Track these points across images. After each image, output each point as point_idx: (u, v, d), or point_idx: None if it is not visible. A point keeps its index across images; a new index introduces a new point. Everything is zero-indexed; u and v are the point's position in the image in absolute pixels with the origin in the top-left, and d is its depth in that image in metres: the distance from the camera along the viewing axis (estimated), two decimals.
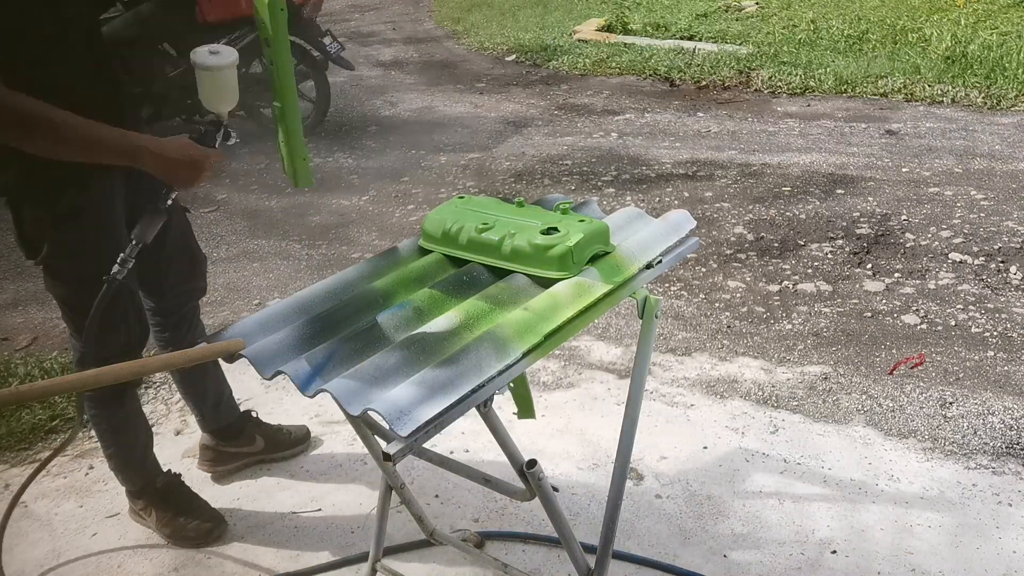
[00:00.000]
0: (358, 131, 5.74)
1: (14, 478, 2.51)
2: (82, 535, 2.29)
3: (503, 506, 2.28)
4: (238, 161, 5.31)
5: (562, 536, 1.60)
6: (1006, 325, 3.01)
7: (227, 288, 3.67)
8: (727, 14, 8.39)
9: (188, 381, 2.37)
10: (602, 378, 2.85)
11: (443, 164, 4.99)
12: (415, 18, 9.67)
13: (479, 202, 1.73)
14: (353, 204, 4.52)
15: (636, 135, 5.27)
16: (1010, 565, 2.01)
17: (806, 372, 2.83)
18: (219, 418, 2.43)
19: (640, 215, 1.79)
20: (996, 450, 2.40)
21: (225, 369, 2.36)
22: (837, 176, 4.41)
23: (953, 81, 5.74)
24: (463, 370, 1.29)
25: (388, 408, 1.20)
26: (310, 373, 1.32)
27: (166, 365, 1.36)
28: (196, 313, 2.29)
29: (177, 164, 1.72)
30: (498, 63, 7.37)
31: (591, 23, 8.19)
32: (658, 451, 2.47)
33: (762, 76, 6.21)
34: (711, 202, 4.20)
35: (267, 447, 2.51)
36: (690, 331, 3.12)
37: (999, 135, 4.86)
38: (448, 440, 2.53)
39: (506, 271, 1.57)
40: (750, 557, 2.08)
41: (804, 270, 3.50)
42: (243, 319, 1.51)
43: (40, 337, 3.36)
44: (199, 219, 4.40)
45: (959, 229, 3.73)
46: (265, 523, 2.29)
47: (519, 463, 1.47)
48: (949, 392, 2.67)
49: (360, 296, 1.53)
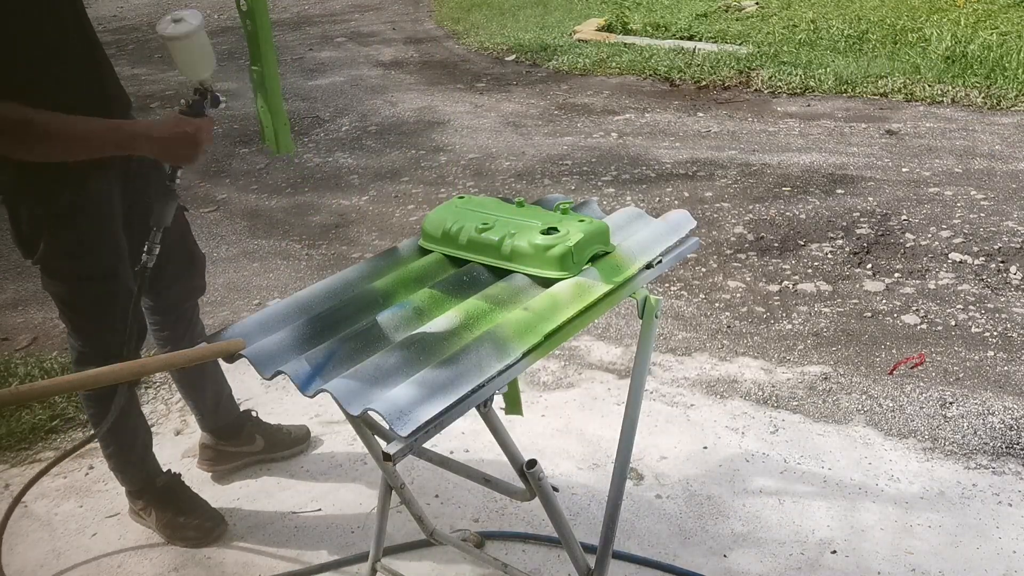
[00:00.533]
0: (358, 131, 5.74)
1: (14, 478, 2.51)
2: (82, 535, 2.29)
3: (503, 506, 2.28)
4: (238, 161, 5.31)
5: (562, 536, 1.60)
6: (1006, 325, 3.01)
7: (227, 288, 3.67)
8: (727, 14, 8.38)
9: (187, 380, 2.37)
10: (602, 378, 2.85)
11: (443, 164, 4.99)
12: (415, 18, 9.66)
13: (479, 202, 1.73)
14: (353, 204, 4.52)
15: (636, 135, 5.27)
16: (1010, 565, 2.01)
17: (806, 372, 2.83)
18: (219, 417, 2.43)
19: (640, 215, 1.79)
20: (996, 450, 2.40)
21: (225, 369, 2.36)
22: (837, 176, 4.41)
23: (953, 81, 5.73)
24: (463, 370, 1.29)
25: (388, 408, 1.20)
26: (310, 373, 1.32)
27: (166, 365, 1.36)
28: (195, 312, 2.29)
29: (174, 142, 1.70)
30: (498, 63, 7.36)
31: (591, 23, 8.19)
32: (658, 451, 2.47)
33: (762, 76, 6.21)
34: (711, 202, 4.19)
35: (267, 447, 2.51)
36: (690, 331, 3.12)
37: (999, 135, 4.85)
38: (448, 440, 2.53)
39: (506, 271, 1.57)
40: (750, 557, 2.08)
41: (804, 270, 3.50)
42: (243, 319, 1.51)
43: (40, 337, 3.36)
44: (199, 219, 4.40)
45: (959, 229, 3.73)
46: (265, 523, 2.29)
47: (519, 463, 1.47)
48: (949, 392, 2.67)
49: (360, 296, 1.53)
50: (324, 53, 8.08)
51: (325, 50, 8.21)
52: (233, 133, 5.85)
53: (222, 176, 5.09)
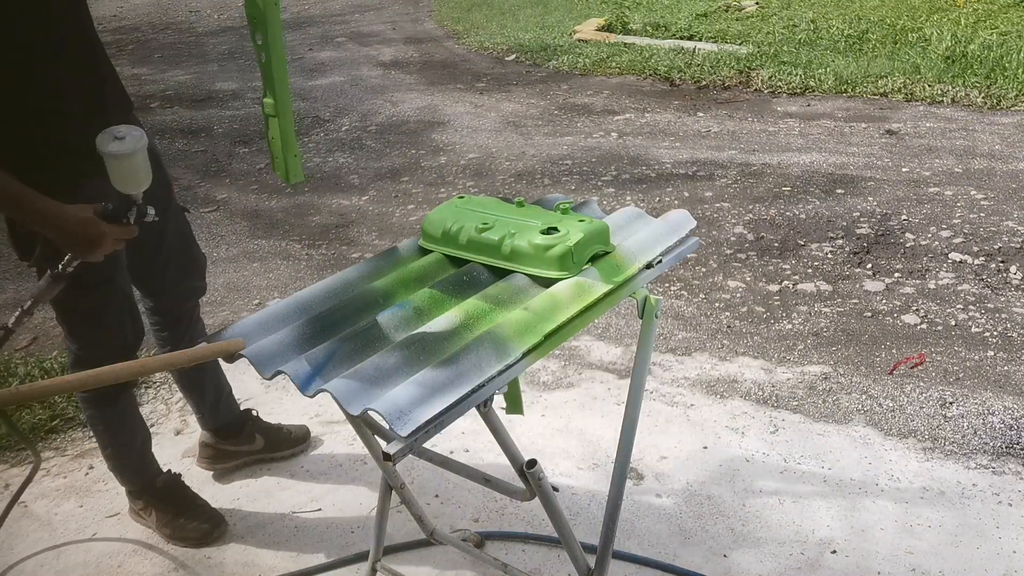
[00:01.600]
0: (358, 131, 5.74)
1: (14, 478, 2.52)
2: (82, 535, 2.29)
3: (503, 506, 2.28)
4: (238, 161, 5.31)
5: (562, 536, 1.60)
6: (1006, 325, 3.01)
7: (227, 288, 3.67)
8: (727, 14, 8.39)
9: (187, 379, 2.37)
10: (602, 378, 2.85)
11: (443, 164, 4.99)
12: (415, 18, 9.67)
13: (479, 202, 1.73)
14: (353, 204, 4.52)
15: (636, 135, 5.27)
16: (1010, 565, 2.01)
17: (806, 372, 2.83)
18: (218, 416, 2.43)
19: (640, 215, 1.79)
20: (996, 450, 2.39)
21: (225, 369, 2.36)
22: (837, 176, 4.41)
23: (953, 81, 5.73)
24: (463, 370, 1.29)
25: (388, 408, 1.20)
26: (310, 373, 1.32)
27: (166, 365, 1.36)
28: (196, 312, 2.29)
29: (75, 237, 1.64)
30: (498, 63, 7.37)
31: (591, 23, 8.19)
32: (658, 451, 2.47)
33: (762, 76, 6.21)
34: (711, 202, 4.19)
35: (267, 446, 2.51)
36: (690, 331, 3.12)
37: (999, 135, 4.85)
38: (448, 440, 2.53)
39: (506, 271, 1.57)
40: (750, 557, 2.08)
41: (804, 270, 3.50)
42: (243, 319, 1.51)
43: (40, 337, 3.36)
44: (199, 219, 4.40)
45: (959, 229, 3.73)
46: (265, 523, 2.29)
47: (519, 463, 1.47)
48: (949, 392, 2.67)
49: (360, 296, 1.53)
50: (324, 53, 8.09)
51: (325, 50, 8.22)
52: (233, 133, 5.85)
53: (222, 176, 5.09)
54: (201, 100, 6.73)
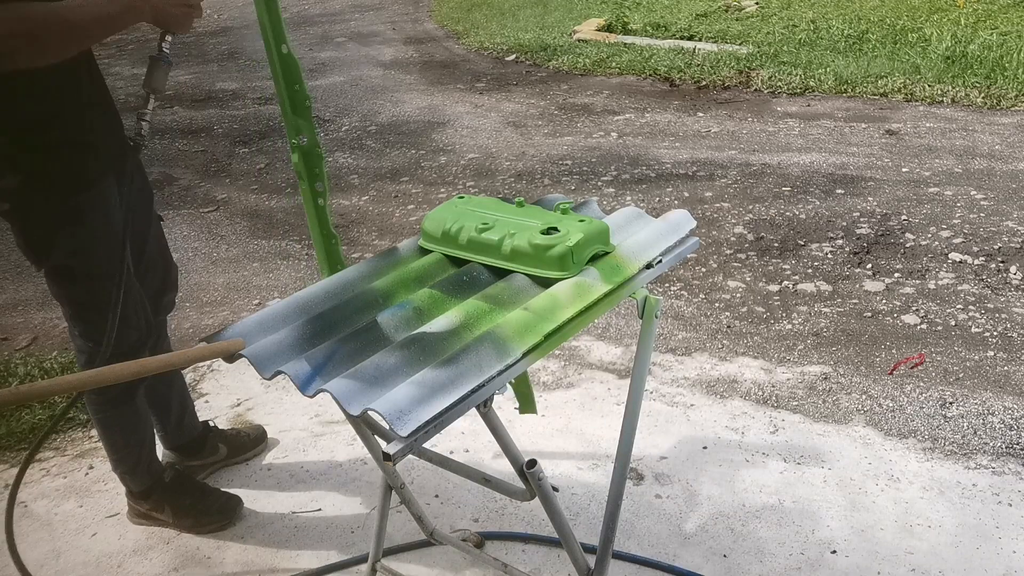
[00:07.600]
0: (358, 131, 5.74)
1: (14, 478, 2.51)
2: (82, 535, 2.29)
3: (503, 506, 2.28)
4: (238, 161, 5.31)
5: (562, 536, 1.60)
6: (1006, 325, 3.01)
7: (227, 288, 3.67)
8: (727, 14, 8.39)
9: (156, 395, 2.31)
10: (602, 378, 2.85)
11: (443, 164, 4.99)
12: (415, 18, 9.67)
13: (479, 202, 1.73)
14: (353, 204, 4.52)
15: (636, 135, 5.27)
16: (1010, 565, 2.01)
17: (806, 372, 2.83)
18: (182, 434, 2.41)
19: (640, 215, 1.79)
20: (996, 450, 2.40)
21: (225, 369, 2.36)
22: (837, 176, 4.41)
23: (953, 81, 5.73)
24: (463, 370, 1.29)
25: (388, 408, 1.20)
26: (310, 373, 1.32)
27: (166, 365, 1.36)
28: (164, 329, 2.28)
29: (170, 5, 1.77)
30: (498, 63, 7.37)
31: (591, 23, 8.19)
32: (658, 451, 2.47)
33: (762, 76, 6.21)
34: (711, 202, 4.19)
35: (230, 452, 2.50)
36: (690, 331, 3.12)
37: (999, 135, 4.85)
38: (448, 440, 2.53)
39: (506, 271, 1.57)
40: (750, 557, 2.08)
41: (804, 270, 3.50)
42: (243, 319, 1.51)
43: (40, 337, 3.36)
44: (199, 219, 4.40)
45: (959, 229, 3.73)
46: (265, 523, 2.29)
47: (519, 463, 1.47)
48: (949, 392, 2.67)
49: (360, 296, 1.53)
50: (324, 53, 8.09)
51: (326, 50, 8.22)
52: (233, 133, 5.86)
53: (222, 176, 5.09)
54: (201, 100, 6.73)
